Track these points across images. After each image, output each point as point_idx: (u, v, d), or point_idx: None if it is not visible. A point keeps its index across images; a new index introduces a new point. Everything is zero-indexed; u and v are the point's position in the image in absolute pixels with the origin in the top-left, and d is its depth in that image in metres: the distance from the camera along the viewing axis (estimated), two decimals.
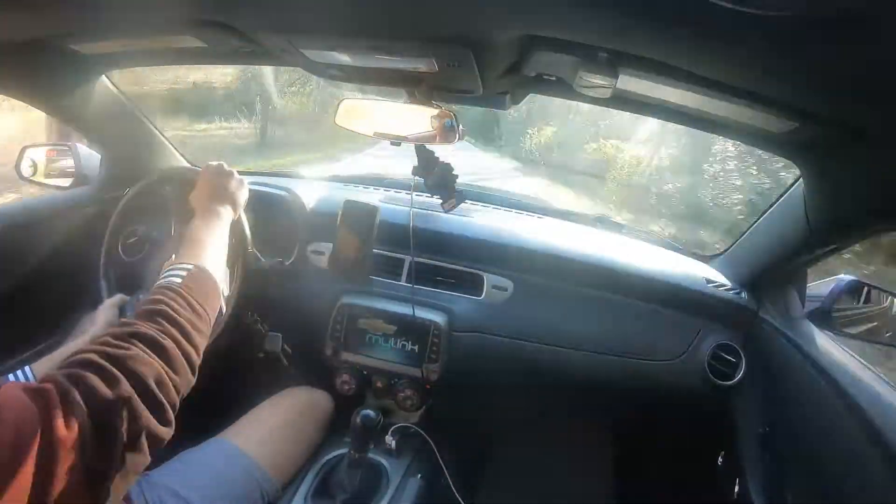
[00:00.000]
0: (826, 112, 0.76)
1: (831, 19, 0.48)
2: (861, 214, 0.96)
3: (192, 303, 0.72)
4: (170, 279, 0.74)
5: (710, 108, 0.92)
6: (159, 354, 0.62)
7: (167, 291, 0.71)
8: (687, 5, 0.52)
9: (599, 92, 0.85)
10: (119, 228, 1.18)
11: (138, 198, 1.19)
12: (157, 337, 0.63)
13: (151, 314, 0.66)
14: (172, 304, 0.69)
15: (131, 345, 0.61)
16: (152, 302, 0.68)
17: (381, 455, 1.29)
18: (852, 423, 0.98)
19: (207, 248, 0.86)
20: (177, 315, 0.68)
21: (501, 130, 13.56)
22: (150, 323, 0.65)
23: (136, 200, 1.19)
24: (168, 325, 0.66)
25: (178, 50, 1.18)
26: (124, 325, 0.64)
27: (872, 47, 0.52)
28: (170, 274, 0.76)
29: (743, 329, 1.39)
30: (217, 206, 0.98)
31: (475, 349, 1.41)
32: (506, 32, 0.79)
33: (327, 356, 1.41)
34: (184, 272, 0.76)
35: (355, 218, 1.36)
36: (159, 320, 0.66)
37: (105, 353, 0.59)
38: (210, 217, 0.95)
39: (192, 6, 0.87)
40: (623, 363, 1.40)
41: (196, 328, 0.70)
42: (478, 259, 1.45)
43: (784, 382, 1.24)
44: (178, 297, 0.70)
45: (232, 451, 1.08)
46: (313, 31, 0.91)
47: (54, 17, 0.96)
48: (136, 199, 1.19)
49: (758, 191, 4.70)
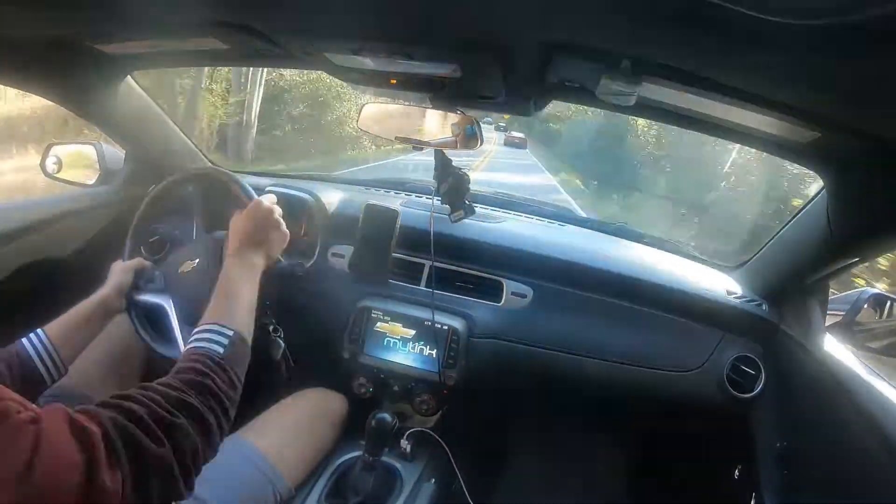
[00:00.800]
0: (849, 121, 0.76)
1: (855, 28, 0.48)
2: (885, 225, 0.94)
3: (233, 377, 0.74)
4: (213, 347, 0.75)
5: (733, 117, 0.91)
6: (201, 430, 0.65)
7: (210, 363, 0.72)
8: (711, 14, 0.52)
9: (622, 99, 0.85)
10: (142, 227, 1.20)
11: (161, 197, 1.20)
12: (203, 413, 0.66)
13: (198, 386, 0.68)
14: (217, 379, 0.70)
15: (180, 415, 0.63)
16: (198, 373, 0.70)
17: (396, 459, 1.29)
18: (872, 440, 0.96)
19: (243, 305, 0.86)
20: (219, 391, 0.70)
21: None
22: (197, 395, 0.67)
23: (160, 199, 1.20)
24: (212, 401, 0.68)
25: (202, 51, 1.20)
26: (174, 389, 0.66)
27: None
28: (212, 339, 0.77)
29: (763, 341, 1.37)
30: (255, 255, 0.97)
31: (493, 355, 1.41)
32: (529, 39, 0.79)
33: (345, 359, 1.41)
34: (225, 340, 0.77)
35: (376, 222, 1.37)
36: (206, 395, 0.68)
37: (156, 414, 0.61)
38: (245, 266, 0.94)
39: (216, 9, 0.89)
40: (641, 373, 1.39)
41: (232, 402, 0.72)
42: (498, 265, 1.45)
43: (803, 396, 1.23)
44: (221, 371, 0.72)
45: (247, 449, 1.08)
46: (337, 35, 0.92)
47: (79, 17, 0.98)
48: (160, 198, 1.20)
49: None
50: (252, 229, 0.99)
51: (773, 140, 0.96)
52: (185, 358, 0.73)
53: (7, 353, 0.90)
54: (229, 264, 0.93)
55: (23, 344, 0.93)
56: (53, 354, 0.95)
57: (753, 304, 1.38)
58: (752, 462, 1.32)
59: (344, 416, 1.35)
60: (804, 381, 1.22)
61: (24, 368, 0.91)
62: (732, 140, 1.10)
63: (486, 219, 1.57)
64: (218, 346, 0.75)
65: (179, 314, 1.11)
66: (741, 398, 1.34)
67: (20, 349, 0.92)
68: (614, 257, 1.47)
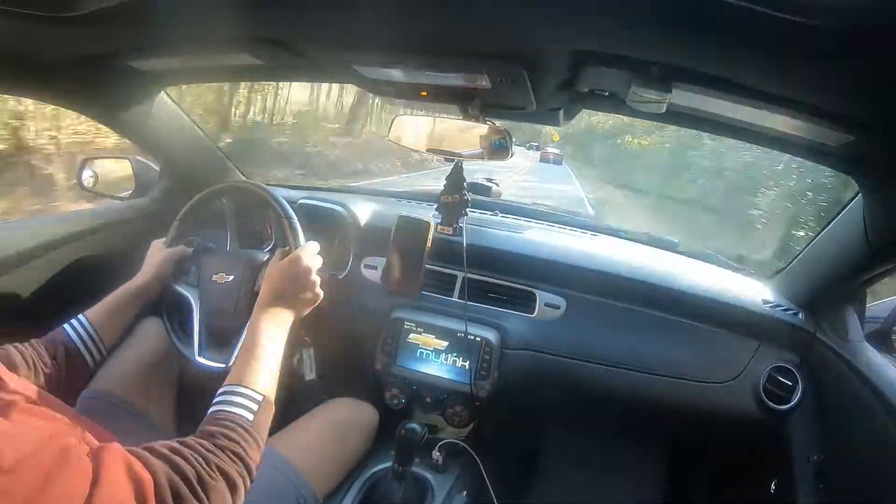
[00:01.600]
0: (882, 123, 0.74)
1: (885, 29, 0.47)
2: None
3: (259, 442, 0.78)
4: (242, 413, 0.78)
5: (765, 122, 0.91)
6: (232, 494, 0.69)
7: (241, 431, 0.75)
8: (738, 17, 0.52)
9: (653, 107, 0.85)
10: (177, 238, 1.23)
11: (197, 209, 1.23)
12: (236, 479, 0.70)
13: (233, 454, 0.72)
14: (246, 446, 0.74)
15: (218, 478, 0.68)
16: (233, 441, 0.73)
17: (427, 470, 1.29)
18: None
19: (271, 365, 0.88)
20: (248, 458, 0.74)
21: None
22: (231, 461, 0.71)
23: (195, 211, 1.23)
24: (242, 466, 0.72)
25: (234, 67, 1.22)
26: (214, 454, 0.70)
27: None
28: (241, 404, 0.80)
29: (800, 351, 1.34)
30: (287, 310, 0.98)
31: (526, 367, 1.40)
32: (558, 48, 0.79)
33: (377, 370, 1.42)
34: (255, 406, 0.80)
35: (408, 233, 1.38)
36: (237, 461, 0.72)
37: (200, 475, 0.66)
38: (277, 321, 0.95)
39: (249, 25, 0.91)
40: (676, 384, 1.37)
41: (256, 464, 0.76)
42: (530, 276, 1.44)
43: (841, 408, 1.20)
44: (249, 437, 0.76)
45: (276, 458, 1.09)
46: (368, 49, 0.93)
47: (116, 35, 1.01)
48: (195, 210, 1.23)
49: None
50: (289, 284, 1.00)
51: (806, 144, 0.94)
52: (217, 421, 0.76)
53: (51, 343, 0.95)
54: (259, 315, 0.94)
55: (65, 330, 0.98)
56: (95, 337, 1.01)
57: (789, 312, 1.35)
58: (788, 476, 1.28)
59: (374, 427, 1.35)
60: (842, 392, 1.19)
61: (69, 355, 0.96)
62: (764, 145, 1.08)
63: (517, 229, 1.57)
64: (248, 412, 0.79)
65: (202, 317, 1.14)
66: (778, 410, 1.31)
67: (64, 338, 0.97)
68: (647, 267, 1.45)
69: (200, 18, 0.89)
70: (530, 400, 1.60)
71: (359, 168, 12.64)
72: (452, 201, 1.32)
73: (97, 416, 0.66)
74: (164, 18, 0.88)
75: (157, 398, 1.22)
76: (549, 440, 1.85)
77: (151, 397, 1.20)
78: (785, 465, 1.30)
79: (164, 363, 1.26)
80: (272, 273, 1.01)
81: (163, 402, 1.23)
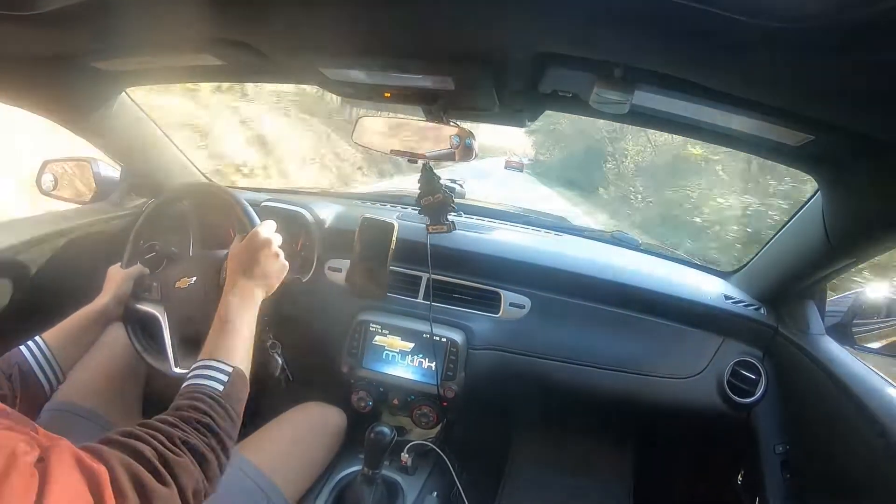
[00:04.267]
0: (841, 123, 0.76)
1: (841, 30, 0.48)
2: (881, 225, 0.94)
3: (232, 414, 0.75)
4: (212, 385, 0.76)
5: (727, 123, 0.92)
6: (202, 467, 0.67)
7: (209, 401, 0.73)
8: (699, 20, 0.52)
9: (615, 108, 0.85)
10: (139, 240, 1.20)
11: (157, 212, 1.20)
12: (204, 451, 0.68)
13: (200, 425, 0.70)
14: (215, 416, 0.72)
15: (183, 453, 0.65)
16: (199, 411, 0.71)
17: (397, 472, 1.29)
18: (874, 440, 0.96)
19: (242, 339, 0.87)
20: (218, 428, 0.71)
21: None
22: (197, 433, 0.68)
23: (156, 215, 1.20)
24: (213, 439, 0.70)
25: (197, 67, 1.20)
26: (177, 428, 0.67)
27: (889, 56, 0.51)
28: (211, 375, 0.78)
29: (762, 345, 1.37)
30: (255, 286, 0.97)
31: (492, 366, 1.40)
32: (521, 50, 0.79)
33: (344, 373, 1.41)
34: (225, 377, 0.78)
35: (372, 235, 1.37)
36: (205, 432, 0.69)
37: (160, 454, 0.63)
38: (246, 297, 0.94)
39: (212, 26, 0.89)
40: (641, 380, 1.39)
41: (231, 439, 0.73)
42: (495, 276, 1.45)
43: (804, 399, 1.23)
44: (219, 407, 0.73)
45: (244, 464, 1.08)
46: (331, 50, 0.92)
47: (78, 35, 0.98)
48: (156, 213, 1.20)
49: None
50: (251, 260, 0.99)
51: (767, 144, 0.96)
52: (185, 394, 0.74)
53: (6, 363, 0.91)
54: (227, 295, 0.93)
55: (21, 352, 0.94)
56: (52, 362, 0.96)
57: (752, 308, 1.38)
58: (755, 467, 1.32)
59: (342, 430, 1.34)
60: (805, 384, 1.22)
61: (24, 377, 0.92)
62: (726, 145, 1.10)
63: (482, 230, 1.57)
64: (217, 384, 0.76)
65: (172, 329, 1.11)
66: (742, 403, 1.34)
67: (20, 359, 0.93)
68: (611, 266, 1.47)
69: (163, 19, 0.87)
70: (498, 399, 1.61)
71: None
72: (435, 201, 1.32)
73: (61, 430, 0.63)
74: (127, 18, 0.85)
75: (123, 408, 1.20)
76: (518, 439, 1.86)
77: (117, 407, 1.17)
78: (751, 457, 1.33)
79: (129, 371, 1.24)
80: (234, 255, 1.01)
81: (129, 412, 1.21)
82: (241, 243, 1.02)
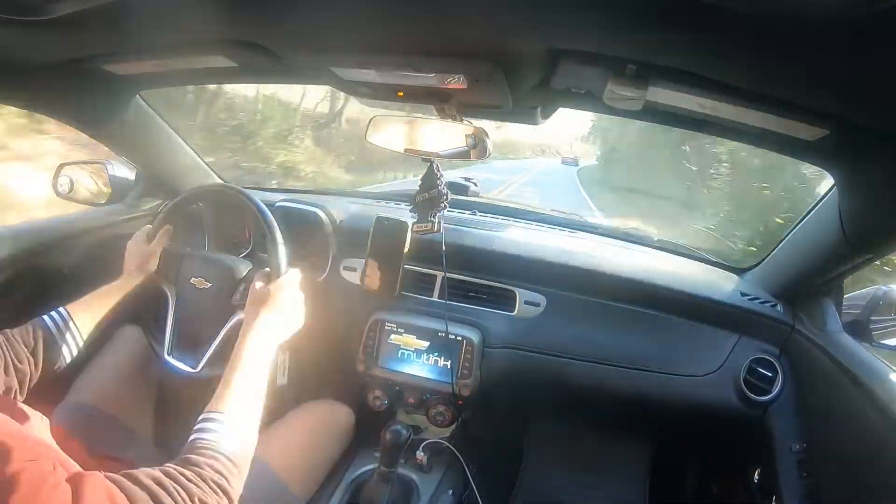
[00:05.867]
0: (857, 118, 0.75)
1: (858, 25, 0.47)
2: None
3: (242, 473, 0.76)
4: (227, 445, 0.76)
5: (741, 118, 0.91)
6: None
7: (227, 462, 0.74)
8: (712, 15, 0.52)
9: (629, 104, 0.85)
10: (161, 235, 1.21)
11: (173, 213, 1.21)
12: None
13: (214, 484, 0.70)
14: (230, 478, 0.73)
15: None
16: (217, 472, 0.72)
17: (412, 471, 1.29)
18: (893, 439, 0.95)
19: (257, 392, 0.86)
20: (232, 491, 0.72)
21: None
22: (214, 494, 0.69)
23: (172, 216, 1.21)
24: (224, 498, 0.70)
25: (210, 69, 1.21)
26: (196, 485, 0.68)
27: None
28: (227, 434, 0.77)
29: (779, 342, 1.36)
30: (273, 335, 0.96)
31: (508, 365, 1.41)
32: (533, 47, 0.79)
33: (359, 371, 1.41)
34: (238, 435, 0.78)
35: (387, 234, 1.38)
36: (221, 494, 0.70)
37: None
38: (262, 345, 0.92)
39: (225, 27, 0.89)
40: (657, 378, 1.38)
41: (238, 495, 0.74)
42: (510, 275, 1.45)
43: (821, 397, 1.21)
44: (235, 469, 0.74)
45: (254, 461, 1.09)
46: (345, 50, 0.92)
47: (88, 39, 0.99)
48: (172, 214, 1.21)
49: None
50: (275, 313, 0.98)
51: (782, 139, 0.95)
52: (200, 451, 0.74)
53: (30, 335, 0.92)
54: (245, 341, 0.91)
55: (43, 319, 0.96)
56: (75, 332, 0.98)
57: (768, 305, 1.36)
58: (771, 465, 1.30)
59: (350, 428, 1.35)
60: (822, 382, 1.21)
61: (46, 343, 0.93)
62: (741, 141, 1.09)
63: (496, 228, 1.57)
64: (231, 443, 0.77)
65: (175, 316, 1.14)
66: (758, 401, 1.33)
67: (41, 323, 0.95)
68: (626, 263, 1.46)
69: (175, 21, 0.88)
70: (513, 398, 1.61)
71: None
72: (429, 197, 1.32)
73: (74, 429, 0.63)
74: (138, 21, 0.86)
75: (136, 408, 1.21)
76: (533, 438, 1.86)
77: (130, 407, 1.19)
78: (767, 455, 1.31)
79: (142, 372, 1.25)
80: (259, 298, 0.99)
81: (142, 413, 1.22)
82: (267, 288, 1.01)
